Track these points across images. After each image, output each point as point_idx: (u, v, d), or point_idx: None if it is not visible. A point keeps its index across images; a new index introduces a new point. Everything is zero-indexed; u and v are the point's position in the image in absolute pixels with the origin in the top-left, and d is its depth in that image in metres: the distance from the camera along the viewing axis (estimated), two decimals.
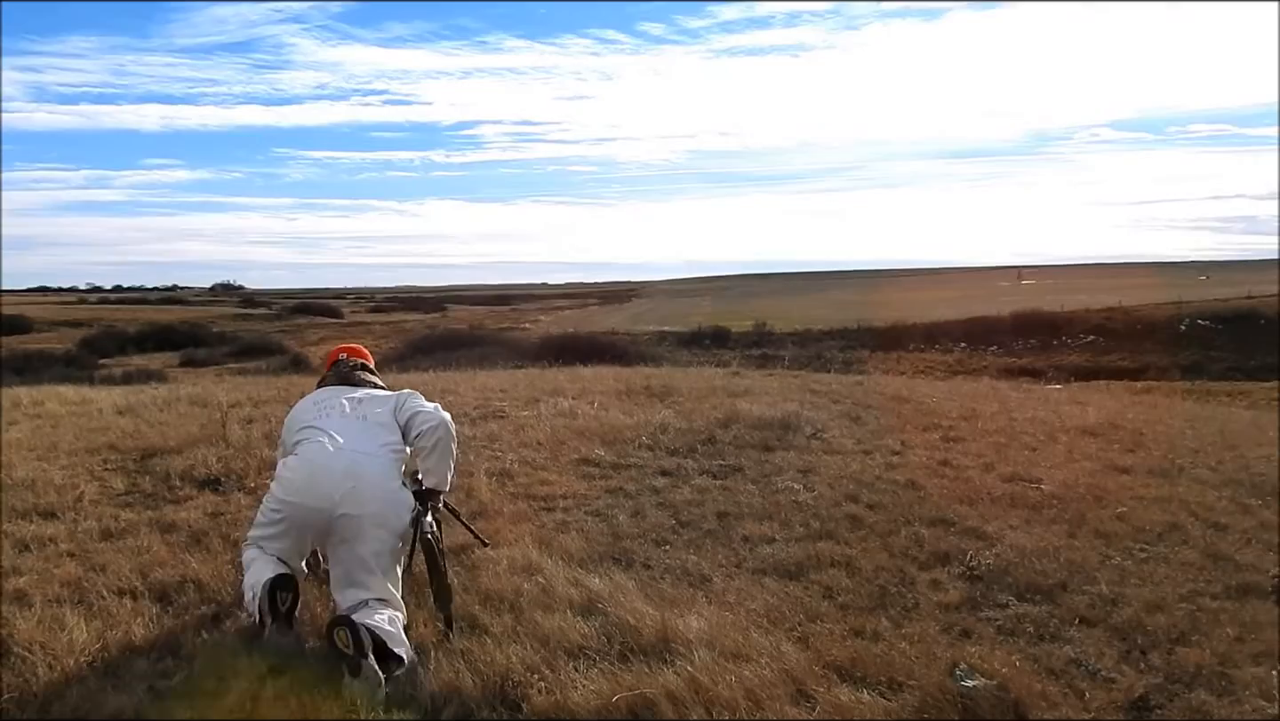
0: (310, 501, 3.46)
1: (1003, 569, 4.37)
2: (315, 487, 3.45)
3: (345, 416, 3.66)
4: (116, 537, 4.79)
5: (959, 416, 8.51)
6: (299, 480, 3.52)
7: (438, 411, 3.67)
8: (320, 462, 3.48)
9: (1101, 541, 4.85)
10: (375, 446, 3.55)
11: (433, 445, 3.60)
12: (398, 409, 3.69)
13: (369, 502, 3.41)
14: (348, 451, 3.50)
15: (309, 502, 3.46)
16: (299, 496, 3.50)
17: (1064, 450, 7.14)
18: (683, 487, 5.79)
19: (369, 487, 3.43)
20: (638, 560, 4.46)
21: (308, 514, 3.48)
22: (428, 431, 3.59)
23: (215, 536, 4.76)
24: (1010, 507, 5.44)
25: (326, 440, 3.55)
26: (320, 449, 3.52)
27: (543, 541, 4.64)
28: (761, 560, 4.50)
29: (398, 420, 3.66)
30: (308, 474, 3.50)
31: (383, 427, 3.63)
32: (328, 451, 3.50)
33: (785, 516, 5.18)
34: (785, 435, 7.18)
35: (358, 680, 3.05)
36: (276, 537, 3.61)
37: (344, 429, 3.59)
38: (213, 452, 6.50)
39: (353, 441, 3.54)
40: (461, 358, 21.99)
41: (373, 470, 3.48)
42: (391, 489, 3.50)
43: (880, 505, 5.42)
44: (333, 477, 3.42)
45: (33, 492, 5.57)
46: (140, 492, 5.73)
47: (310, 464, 3.51)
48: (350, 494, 3.39)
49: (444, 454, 3.63)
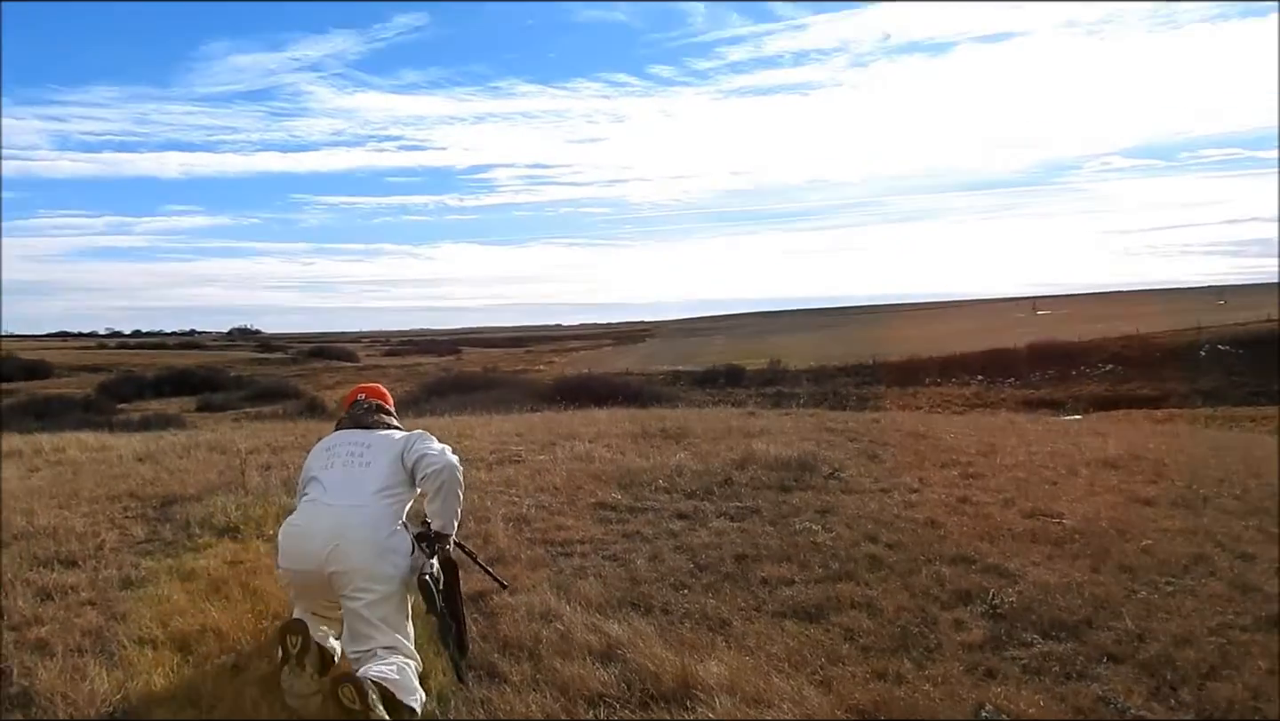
0: (300, 565, 3.48)
1: (1026, 606, 4.32)
2: (302, 552, 3.46)
3: (348, 465, 3.63)
4: (137, 586, 4.81)
5: (977, 452, 8.46)
6: (289, 546, 3.53)
7: (444, 454, 3.63)
8: (306, 527, 3.50)
9: (1126, 575, 4.79)
10: (368, 496, 3.52)
11: (437, 488, 3.57)
12: (406, 451, 3.65)
13: (354, 556, 3.39)
14: (336, 507, 3.49)
15: (299, 566, 3.49)
16: (291, 562, 3.53)
17: (1085, 483, 7.07)
18: (700, 530, 5.76)
19: (353, 542, 3.40)
20: (656, 605, 4.43)
21: (304, 577, 3.51)
22: (432, 475, 3.56)
23: (235, 584, 4.76)
24: (1032, 543, 5.39)
25: (320, 495, 3.56)
26: (310, 510, 3.55)
27: (561, 587, 4.63)
28: (781, 602, 4.46)
29: (405, 462, 3.63)
30: (295, 539, 3.52)
31: (384, 473, 3.59)
32: (315, 511, 3.52)
33: (804, 557, 5.14)
34: (802, 475, 7.15)
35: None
36: (294, 598, 3.70)
37: (342, 480, 3.58)
38: (232, 500, 6.52)
39: (345, 494, 3.53)
40: (476, 400, 22.00)
41: (358, 522, 3.45)
42: (378, 539, 3.45)
43: (900, 544, 5.38)
44: (318, 539, 3.42)
45: (54, 540, 5.61)
46: (160, 540, 5.76)
47: (297, 528, 3.53)
48: (335, 551, 3.39)
49: (450, 497, 3.60)
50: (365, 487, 3.54)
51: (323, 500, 3.53)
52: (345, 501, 3.50)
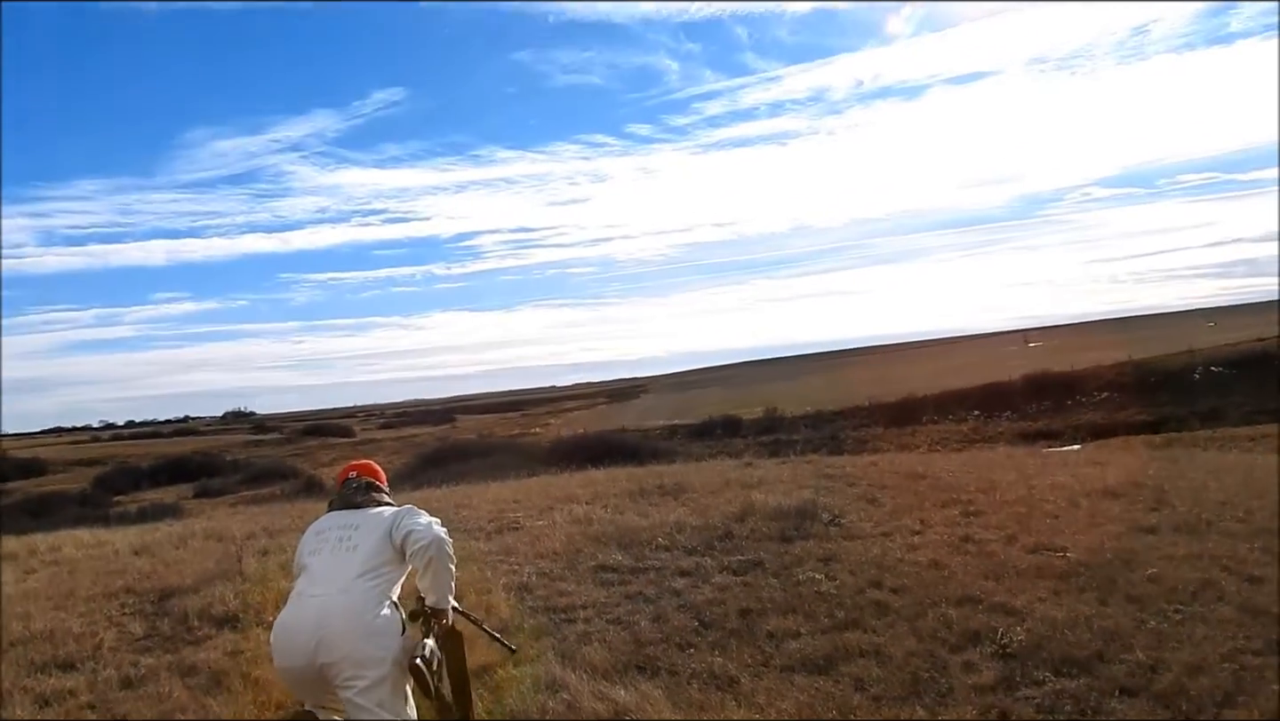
0: (290, 663, 3.43)
1: (1036, 644, 4.29)
2: (290, 649, 3.42)
3: (335, 549, 3.59)
4: (137, 685, 4.75)
5: (977, 489, 8.44)
6: (278, 644, 3.49)
7: (430, 527, 3.58)
8: (291, 623, 3.45)
9: (1134, 606, 4.77)
10: (353, 579, 3.47)
11: (426, 564, 3.53)
12: (394, 528, 3.61)
13: (340, 645, 3.34)
14: (320, 596, 3.45)
15: (289, 664, 3.44)
16: (281, 660, 3.49)
17: (1086, 514, 7.05)
18: (703, 587, 5.72)
19: (337, 630, 3.36)
20: (663, 667, 4.38)
21: (296, 674, 3.45)
22: (420, 550, 3.51)
23: (236, 676, 4.70)
24: (1037, 579, 5.36)
25: (306, 587, 3.52)
26: (295, 605, 3.50)
27: (565, 655, 4.58)
28: (788, 656, 4.42)
29: (393, 539, 3.58)
30: (283, 637, 3.47)
31: (370, 554, 3.55)
32: (300, 605, 3.48)
33: (809, 608, 5.10)
34: (803, 524, 7.11)
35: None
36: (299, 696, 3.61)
37: (327, 566, 3.54)
38: (229, 588, 6.46)
39: (328, 581, 3.48)
40: (473, 468, 21.94)
41: (341, 609, 3.40)
42: (363, 623, 3.40)
43: (905, 588, 5.34)
44: (303, 633, 3.38)
45: (51, 644, 5.53)
46: (159, 635, 5.69)
47: (284, 626, 3.48)
48: (321, 643, 3.34)
49: (439, 572, 3.55)
50: (349, 572, 3.49)
51: (307, 592, 3.49)
52: (328, 589, 3.46)
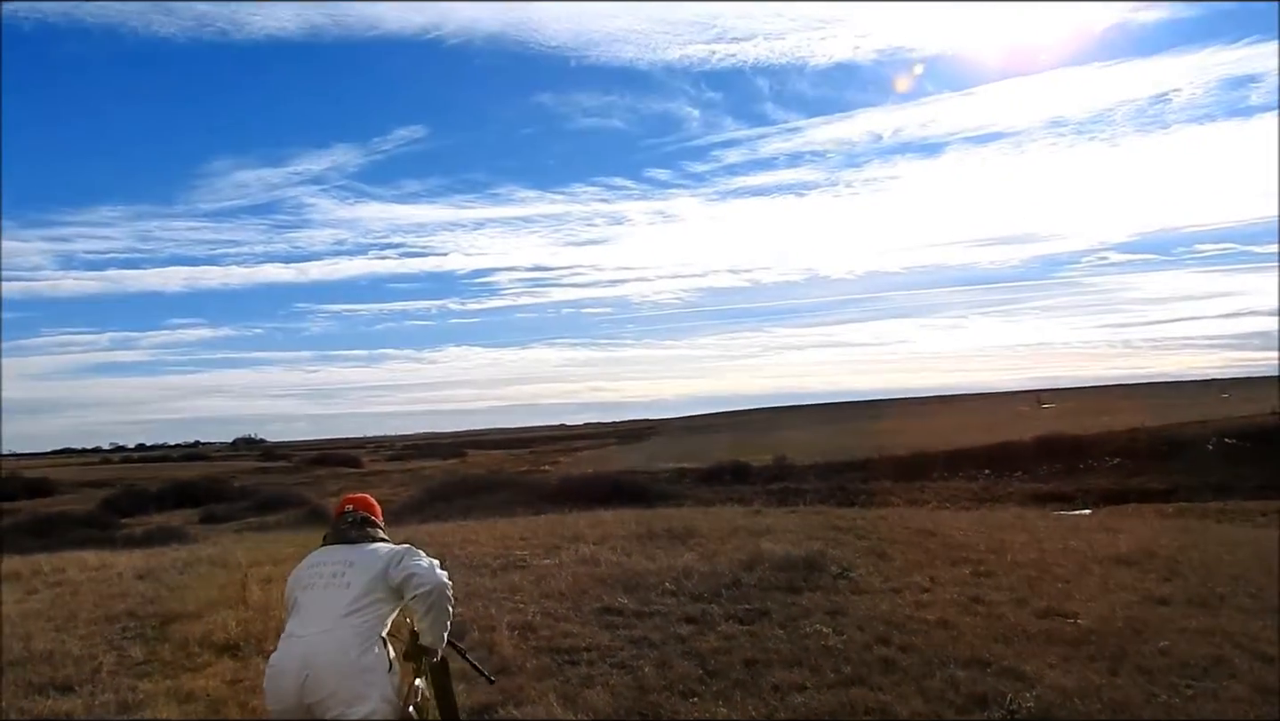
0: (279, 704, 3.42)
1: (1044, 711, 4.23)
2: (278, 690, 3.42)
3: (327, 586, 3.59)
4: (134, 710, 4.72)
5: (988, 549, 8.37)
6: (268, 686, 3.49)
7: (433, 570, 3.60)
8: (279, 665, 3.45)
9: (1145, 678, 4.70)
10: (338, 619, 3.47)
11: (427, 608, 3.55)
12: (391, 567, 3.61)
13: (326, 683, 3.33)
14: (306, 637, 3.44)
15: (278, 706, 3.42)
16: (271, 702, 3.48)
17: (1098, 581, 6.98)
18: (709, 635, 5.66)
19: (324, 669, 3.35)
20: (665, 715, 4.34)
21: (288, 715, 3.42)
22: (423, 595, 3.54)
23: (234, 705, 4.67)
24: (1047, 645, 5.29)
25: (295, 628, 3.50)
26: (283, 647, 3.49)
27: (567, 697, 4.54)
28: (793, 710, 4.37)
29: (391, 578, 3.59)
30: (272, 679, 3.47)
31: (361, 592, 3.55)
32: (288, 647, 3.46)
33: (815, 662, 5.05)
34: (811, 575, 7.06)
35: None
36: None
37: (317, 604, 3.53)
38: (232, 616, 6.43)
39: (316, 620, 3.47)
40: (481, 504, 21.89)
41: (327, 648, 3.40)
42: (350, 660, 3.39)
43: (912, 646, 5.28)
44: (289, 674, 3.38)
45: (50, 665, 5.52)
46: (159, 661, 5.66)
47: (273, 668, 3.48)
48: (308, 683, 3.34)
49: (439, 615, 3.59)
50: (338, 610, 3.49)
51: (295, 633, 3.49)
52: (315, 629, 3.46)
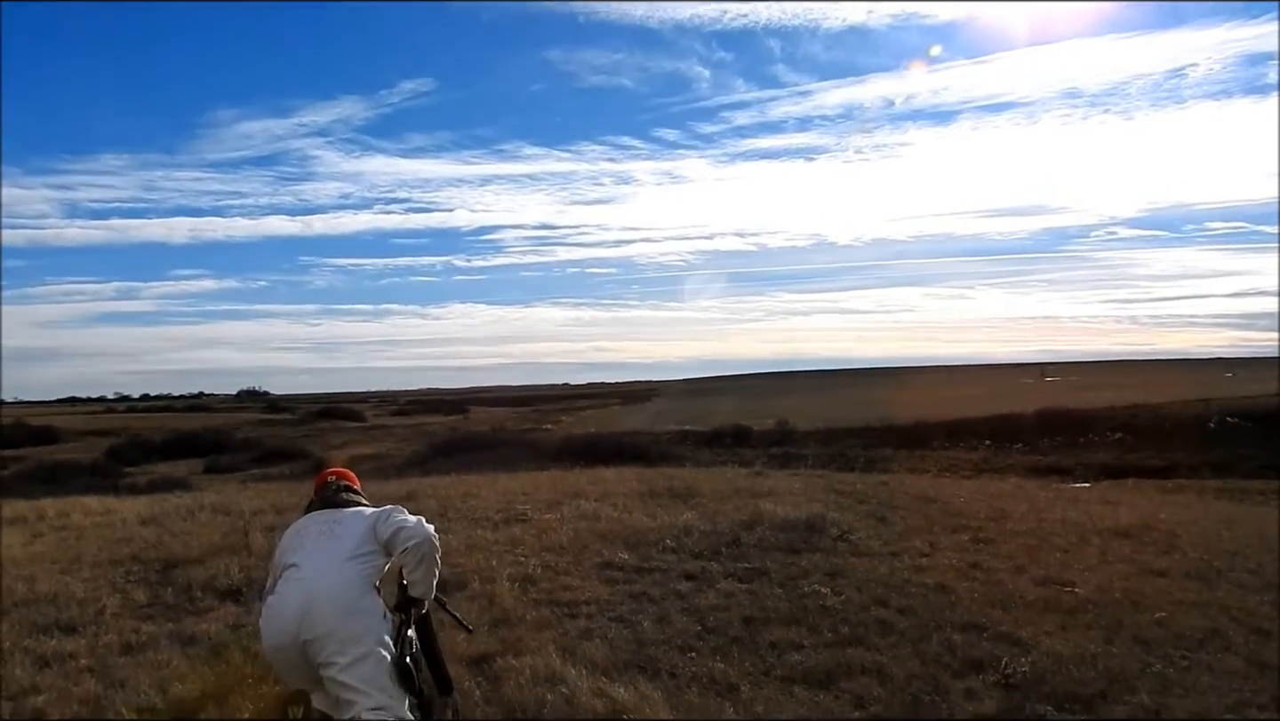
0: (275, 641, 3.49)
1: (1039, 677, 4.24)
2: (275, 628, 3.49)
3: (317, 540, 3.69)
4: (137, 651, 4.76)
5: (987, 517, 8.39)
6: (265, 625, 3.57)
7: (420, 526, 3.70)
8: (276, 605, 3.53)
9: (1141, 648, 4.71)
10: (337, 564, 3.57)
11: (418, 561, 3.65)
12: (378, 524, 3.72)
13: (324, 621, 3.41)
14: (305, 580, 3.52)
15: (274, 643, 3.49)
16: (267, 640, 3.54)
17: (1097, 552, 6.99)
18: (708, 592, 5.70)
19: (321, 606, 3.44)
20: (663, 668, 4.36)
21: (282, 654, 3.50)
22: (413, 548, 3.63)
23: (235, 649, 4.71)
24: (1044, 612, 5.31)
25: (291, 574, 3.58)
26: (282, 588, 3.57)
27: (566, 649, 4.57)
28: (790, 667, 4.39)
29: (378, 535, 3.68)
30: (269, 618, 3.55)
31: (352, 542, 3.66)
32: (286, 588, 3.55)
33: (813, 621, 5.07)
34: (811, 537, 7.08)
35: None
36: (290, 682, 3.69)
37: (311, 554, 3.62)
38: (235, 562, 6.48)
39: (314, 566, 3.56)
40: (484, 460, 21.93)
41: (325, 587, 3.49)
42: (347, 601, 3.49)
43: (910, 609, 5.31)
44: (288, 612, 3.46)
45: (55, 607, 5.57)
46: (162, 604, 5.71)
47: (270, 608, 3.56)
48: (306, 618, 3.42)
49: (429, 567, 3.68)
50: (334, 557, 3.58)
51: (293, 576, 3.57)
52: (314, 571, 3.54)
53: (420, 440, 46.77)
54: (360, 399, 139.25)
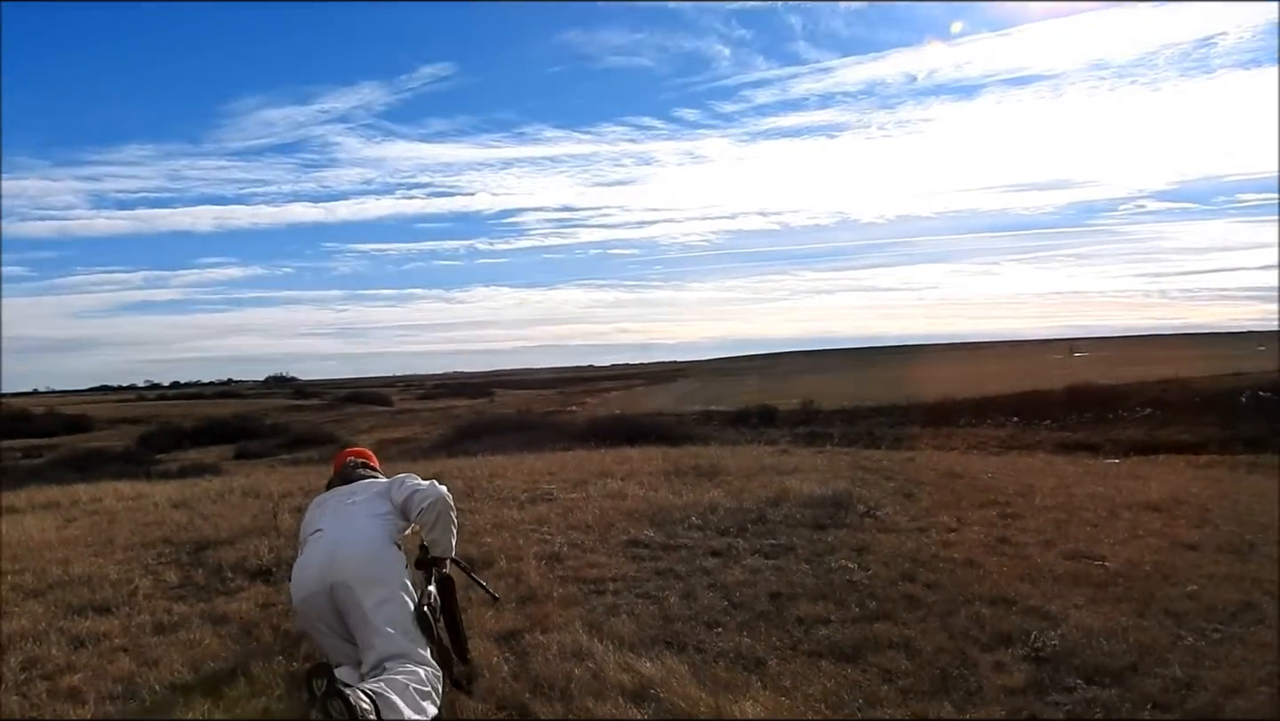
0: (303, 592, 3.63)
1: (1069, 650, 4.21)
2: (303, 580, 3.65)
3: (337, 509, 3.89)
4: (169, 631, 4.81)
5: (1015, 492, 8.33)
6: (294, 580, 3.74)
7: (433, 487, 3.90)
8: (304, 562, 3.71)
9: (1172, 621, 4.66)
10: (357, 522, 3.76)
11: (435, 519, 3.83)
12: (392, 490, 3.94)
13: (349, 566, 3.56)
14: (328, 536, 3.71)
15: (303, 594, 3.64)
16: (296, 592, 3.69)
17: (1127, 526, 6.92)
18: (734, 568, 5.69)
19: (346, 552, 3.61)
20: (690, 643, 4.37)
21: (309, 604, 3.63)
22: (429, 507, 3.82)
23: (266, 628, 4.76)
24: (1074, 586, 5.26)
25: (314, 537, 3.77)
26: (306, 552, 3.76)
27: (593, 625, 4.58)
28: (817, 642, 4.39)
29: (394, 499, 3.89)
30: (297, 572, 3.73)
31: (370, 503, 3.87)
32: (310, 549, 3.74)
33: (840, 596, 5.06)
34: (837, 513, 7.06)
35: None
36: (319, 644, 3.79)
37: (333, 519, 3.82)
38: (264, 543, 6.54)
39: (336, 526, 3.76)
40: (509, 442, 21.99)
41: (349, 536, 3.67)
42: (371, 549, 3.65)
43: (938, 584, 5.28)
44: (315, 564, 3.64)
45: (88, 588, 5.63)
46: (193, 585, 5.77)
47: (297, 569, 3.75)
48: (331, 564, 3.58)
49: (446, 525, 3.87)
50: (355, 517, 3.79)
51: (317, 538, 3.76)
52: (336, 530, 3.73)
53: (446, 424, 47.05)
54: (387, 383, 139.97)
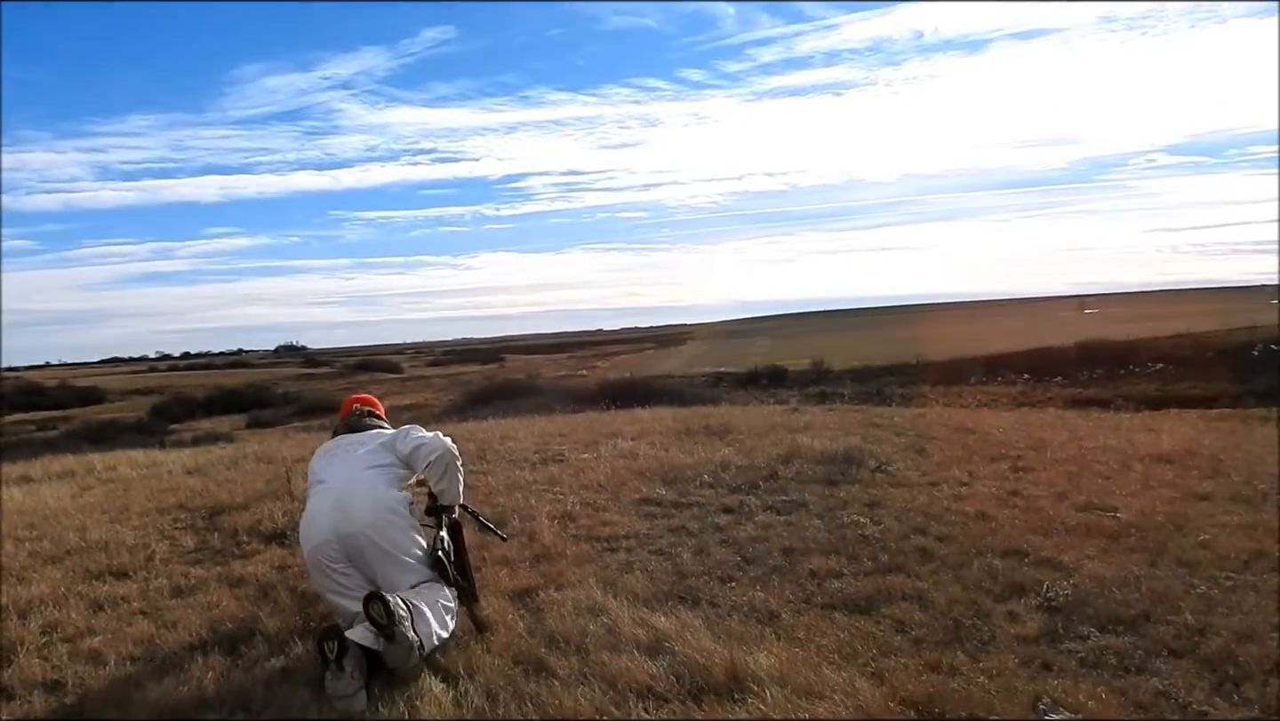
0: (315, 541, 3.78)
1: (1082, 600, 4.22)
2: (314, 529, 3.80)
3: (343, 457, 4.01)
4: (187, 594, 4.86)
5: (1027, 446, 8.32)
6: (303, 530, 3.88)
7: (437, 439, 4.00)
8: (312, 512, 3.85)
9: (1185, 570, 4.66)
10: (363, 471, 3.89)
11: (442, 471, 3.95)
12: (399, 441, 4.04)
13: (362, 513, 3.74)
14: (336, 487, 3.85)
15: (314, 542, 3.78)
16: (306, 542, 3.84)
17: (1139, 478, 6.91)
18: (746, 524, 5.71)
19: (356, 501, 3.76)
20: (703, 598, 4.39)
21: (319, 552, 3.77)
22: (436, 460, 3.93)
23: (282, 589, 4.80)
24: (1086, 537, 5.27)
25: (322, 487, 3.92)
26: (315, 499, 3.90)
27: (607, 582, 4.61)
28: (830, 595, 4.40)
29: (399, 452, 3.99)
30: (306, 522, 3.87)
31: (374, 455, 3.97)
32: (317, 498, 3.89)
33: (852, 550, 5.08)
34: (849, 469, 7.06)
35: (393, 645, 3.35)
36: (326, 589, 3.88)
37: (338, 470, 3.95)
38: (278, 507, 6.59)
39: (342, 476, 3.89)
40: (520, 405, 22.06)
41: (357, 486, 3.81)
42: (378, 494, 3.81)
43: (950, 537, 5.29)
44: (324, 513, 3.78)
45: (106, 554, 5.69)
46: (209, 549, 5.82)
47: (305, 519, 3.89)
48: (342, 514, 3.73)
49: (452, 476, 3.98)
50: (363, 465, 3.91)
51: (322, 488, 3.91)
52: (341, 479, 3.89)
53: (457, 389, 47.14)
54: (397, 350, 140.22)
